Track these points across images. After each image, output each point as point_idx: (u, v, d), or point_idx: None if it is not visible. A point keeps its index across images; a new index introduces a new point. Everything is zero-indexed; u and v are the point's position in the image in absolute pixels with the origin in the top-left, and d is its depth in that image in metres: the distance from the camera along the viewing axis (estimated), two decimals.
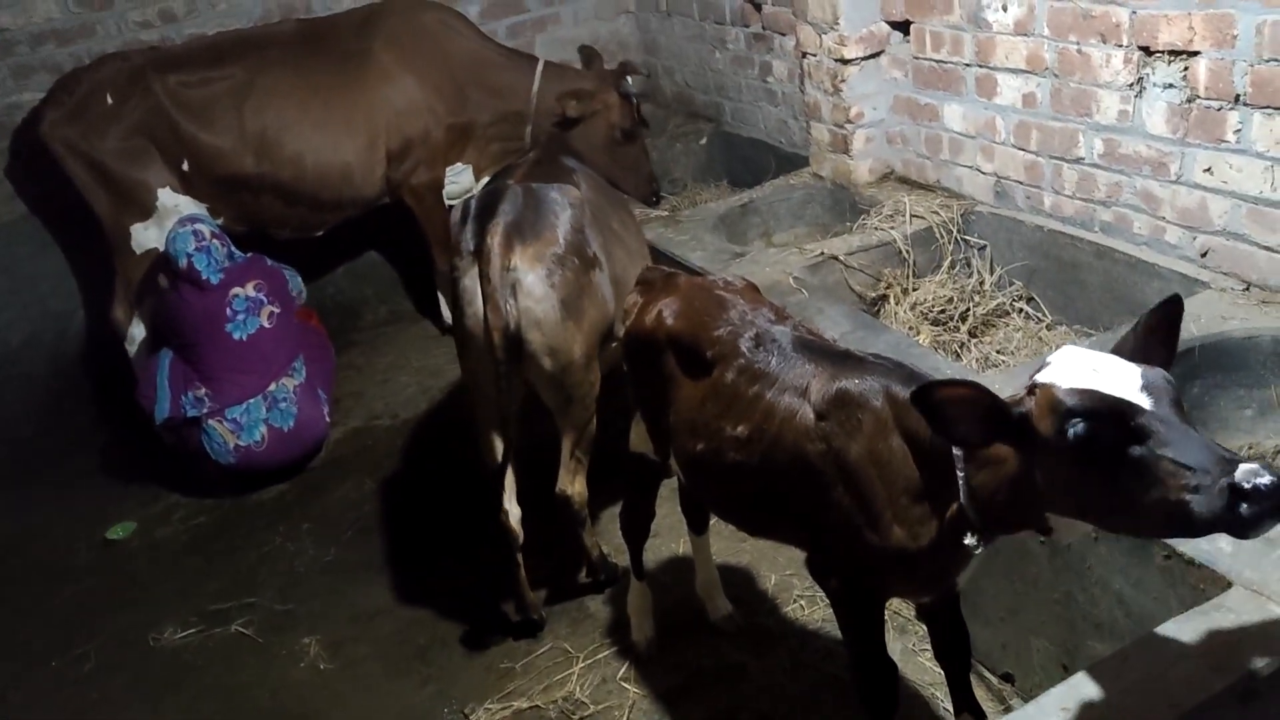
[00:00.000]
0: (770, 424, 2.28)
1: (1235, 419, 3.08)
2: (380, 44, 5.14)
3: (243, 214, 5.14)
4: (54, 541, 4.63)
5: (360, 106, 5.08)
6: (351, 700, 3.45)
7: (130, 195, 4.90)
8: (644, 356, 2.68)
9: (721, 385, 2.41)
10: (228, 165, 4.98)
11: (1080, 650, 2.59)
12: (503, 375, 3.17)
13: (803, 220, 4.94)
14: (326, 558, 4.20)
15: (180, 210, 4.91)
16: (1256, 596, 2.08)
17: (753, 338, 2.41)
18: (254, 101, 4.95)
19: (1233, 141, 3.12)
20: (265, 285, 4.64)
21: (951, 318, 4.01)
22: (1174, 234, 3.42)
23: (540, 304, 3.17)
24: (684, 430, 2.52)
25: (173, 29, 5.52)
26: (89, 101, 4.84)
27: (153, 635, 3.90)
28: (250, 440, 4.52)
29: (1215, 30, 3.06)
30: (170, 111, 4.88)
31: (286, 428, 4.57)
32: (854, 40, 4.45)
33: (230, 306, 4.57)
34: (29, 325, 5.49)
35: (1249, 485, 1.56)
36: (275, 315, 4.64)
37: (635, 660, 3.31)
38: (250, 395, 4.53)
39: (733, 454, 2.36)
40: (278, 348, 4.63)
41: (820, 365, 2.27)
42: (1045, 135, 3.80)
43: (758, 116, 5.75)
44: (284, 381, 4.60)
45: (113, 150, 4.84)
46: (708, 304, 2.58)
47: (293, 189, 5.08)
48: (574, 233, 3.29)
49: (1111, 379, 1.71)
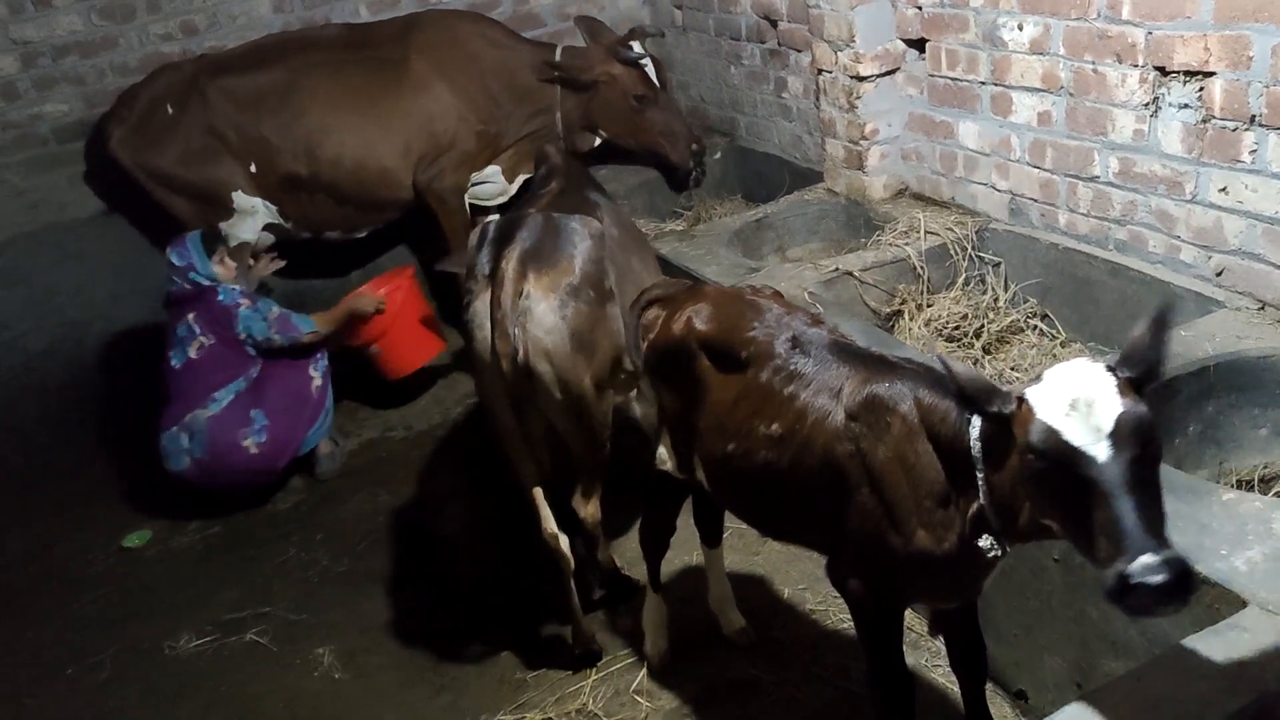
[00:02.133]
0: (803, 424, 2.31)
1: (1249, 439, 3.07)
2: (415, 52, 5.28)
3: (303, 215, 5.29)
4: (70, 550, 4.68)
5: (396, 112, 5.22)
6: (365, 710, 3.46)
7: (209, 197, 5.09)
8: (671, 365, 2.70)
9: (755, 385, 2.43)
10: (283, 165, 5.13)
11: (1094, 668, 2.59)
12: (515, 402, 3.15)
13: (817, 236, 4.96)
14: (340, 568, 4.23)
15: (255, 211, 5.13)
16: (1272, 616, 2.08)
17: (789, 340, 2.44)
18: (298, 102, 5.12)
19: (1248, 162, 3.12)
20: (201, 318, 4.63)
21: (966, 334, 4.02)
22: (1189, 253, 3.42)
23: (550, 334, 3.11)
24: (713, 432, 2.54)
25: (194, 41, 5.58)
26: (151, 115, 5.02)
27: (168, 644, 3.93)
28: (180, 466, 4.58)
29: (1231, 51, 3.07)
30: (226, 114, 5.03)
31: (204, 458, 4.55)
32: (870, 58, 4.48)
33: (176, 331, 4.65)
34: (47, 335, 5.54)
35: (1135, 581, 1.61)
36: (205, 347, 4.62)
37: (649, 673, 3.32)
38: (172, 425, 4.58)
39: (764, 453, 2.39)
40: (202, 380, 4.61)
41: (854, 368, 2.30)
42: (1060, 153, 3.81)
43: (772, 132, 5.77)
44: (198, 413, 4.56)
45: (182, 158, 5.01)
46: (740, 308, 2.62)
47: (337, 189, 5.23)
48: (591, 264, 3.24)
49: (1083, 418, 1.71)
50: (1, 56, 5.37)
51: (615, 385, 3.37)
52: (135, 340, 5.66)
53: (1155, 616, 1.69)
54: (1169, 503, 2.37)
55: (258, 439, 4.60)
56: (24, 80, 5.43)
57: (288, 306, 4.85)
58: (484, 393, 3.35)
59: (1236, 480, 3.02)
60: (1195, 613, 2.24)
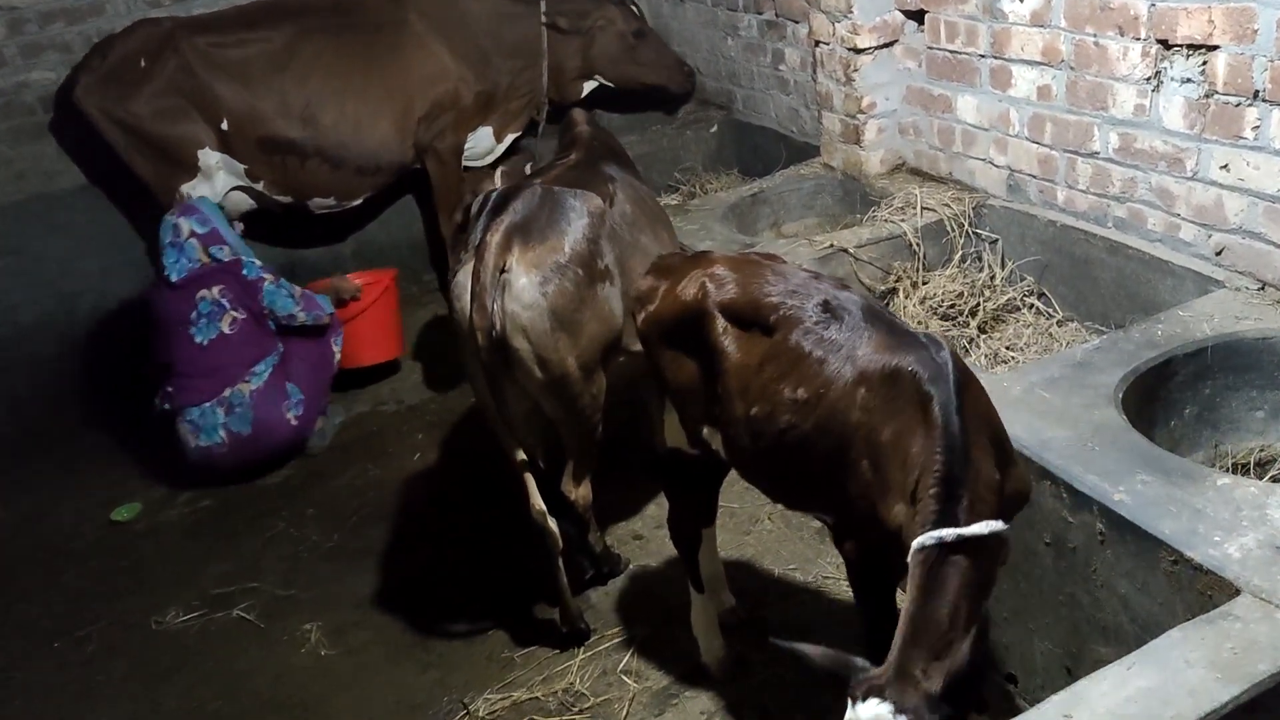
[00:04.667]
0: (828, 390, 2.28)
1: (1247, 421, 3.03)
2: (415, 14, 5.32)
3: (284, 180, 5.23)
4: (60, 522, 4.66)
5: (397, 74, 5.25)
6: (351, 687, 3.45)
7: (173, 155, 5.01)
8: (682, 333, 2.63)
9: (784, 348, 2.38)
10: (268, 128, 5.09)
11: (1084, 654, 2.56)
12: (493, 378, 3.08)
13: (813, 211, 4.90)
14: (329, 544, 4.21)
15: (220, 169, 5.05)
16: (1265, 605, 2.04)
17: (820, 304, 2.39)
18: (297, 69, 5.10)
19: (1251, 138, 3.06)
20: (230, 291, 4.62)
21: (961, 312, 3.97)
22: (1189, 231, 3.37)
23: (528, 310, 3.04)
24: (734, 396, 2.49)
25: (180, 8, 5.49)
26: (122, 66, 4.92)
27: (155, 618, 3.92)
28: (211, 441, 4.56)
29: (1235, 24, 3.00)
30: (201, 71, 4.96)
31: (244, 433, 4.55)
32: (867, 29, 4.39)
33: (196, 309, 4.60)
34: (38, 306, 5.49)
35: None
36: (238, 321, 4.62)
37: (636, 653, 3.30)
38: (206, 400, 4.54)
39: (787, 417, 2.35)
40: (236, 354, 4.60)
41: (883, 336, 2.26)
42: (1060, 128, 3.75)
43: (769, 105, 5.69)
44: (240, 387, 4.56)
45: (149, 112, 4.93)
46: (759, 271, 2.56)
47: (337, 155, 5.23)
48: (585, 243, 3.16)
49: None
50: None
51: (608, 369, 3.30)
52: (126, 312, 5.62)
53: None
54: (1163, 485, 2.37)
55: (295, 411, 4.66)
56: (10, 47, 5.37)
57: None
58: (466, 366, 3.30)
59: (1232, 463, 2.98)
60: (1188, 599, 2.22)
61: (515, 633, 3.52)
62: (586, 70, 5.73)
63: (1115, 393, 2.78)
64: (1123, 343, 3.01)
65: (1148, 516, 2.31)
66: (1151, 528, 2.28)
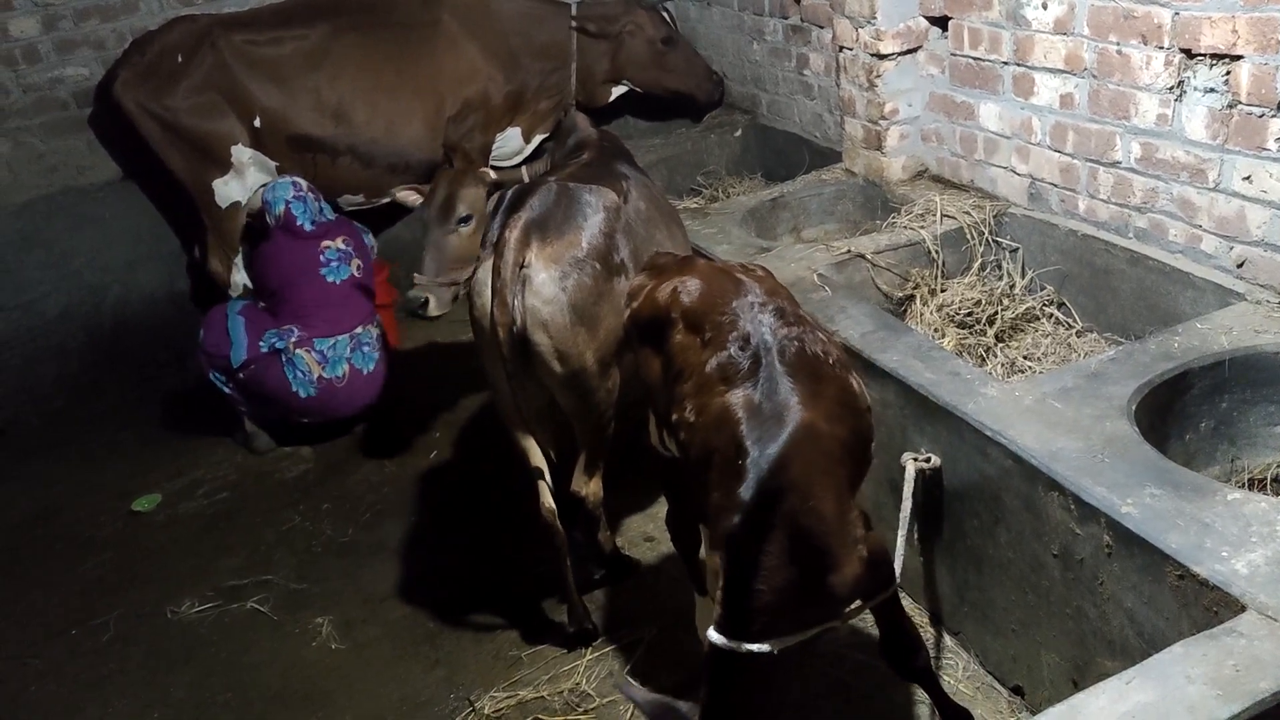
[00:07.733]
0: (706, 425, 2.31)
1: (1264, 436, 2.99)
2: (447, 14, 5.38)
3: (314, 176, 5.27)
4: (80, 512, 4.71)
5: (428, 73, 5.32)
6: (360, 682, 3.47)
7: (206, 150, 5.08)
8: (652, 333, 2.65)
9: (703, 369, 2.38)
10: (300, 126, 5.18)
11: (1090, 666, 2.53)
12: (513, 374, 3.10)
13: (833, 217, 4.88)
14: (343, 538, 4.23)
15: (251, 164, 5.13)
16: (1270, 622, 2.01)
17: (743, 337, 2.35)
18: (330, 68, 5.18)
19: (1274, 150, 3.02)
20: (352, 241, 4.86)
21: (979, 321, 3.93)
22: (1210, 243, 3.32)
23: (548, 305, 3.07)
24: (674, 401, 2.50)
25: (213, 6, 5.56)
26: (160, 61, 5.01)
27: (170, 609, 3.96)
28: (334, 374, 4.68)
29: (1260, 34, 2.96)
30: (236, 68, 5.04)
31: (366, 370, 4.75)
32: (891, 35, 4.38)
33: (323, 255, 4.76)
34: (64, 298, 5.56)
35: None
36: (362, 268, 4.86)
37: (643, 654, 3.30)
38: (339, 331, 4.69)
39: (681, 434, 2.43)
40: (362, 299, 4.82)
41: (768, 399, 2.22)
42: (1082, 137, 3.71)
43: (793, 110, 5.68)
44: (369, 327, 4.80)
45: (185, 107, 5.01)
46: (724, 286, 2.53)
47: (368, 152, 5.32)
48: (601, 237, 3.17)
49: None
50: (23, 18, 5.38)
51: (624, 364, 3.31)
52: (152, 305, 5.70)
53: None
54: (1172, 499, 2.34)
55: (384, 366, 4.86)
56: (45, 43, 5.44)
57: None
58: (484, 362, 3.32)
59: (1249, 479, 2.94)
60: (1194, 614, 2.19)
61: (523, 632, 3.53)
62: (615, 74, 5.76)
63: (1128, 404, 2.75)
64: (1138, 354, 2.97)
65: (1155, 530, 2.28)
66: (1158, 541, 2.25)
